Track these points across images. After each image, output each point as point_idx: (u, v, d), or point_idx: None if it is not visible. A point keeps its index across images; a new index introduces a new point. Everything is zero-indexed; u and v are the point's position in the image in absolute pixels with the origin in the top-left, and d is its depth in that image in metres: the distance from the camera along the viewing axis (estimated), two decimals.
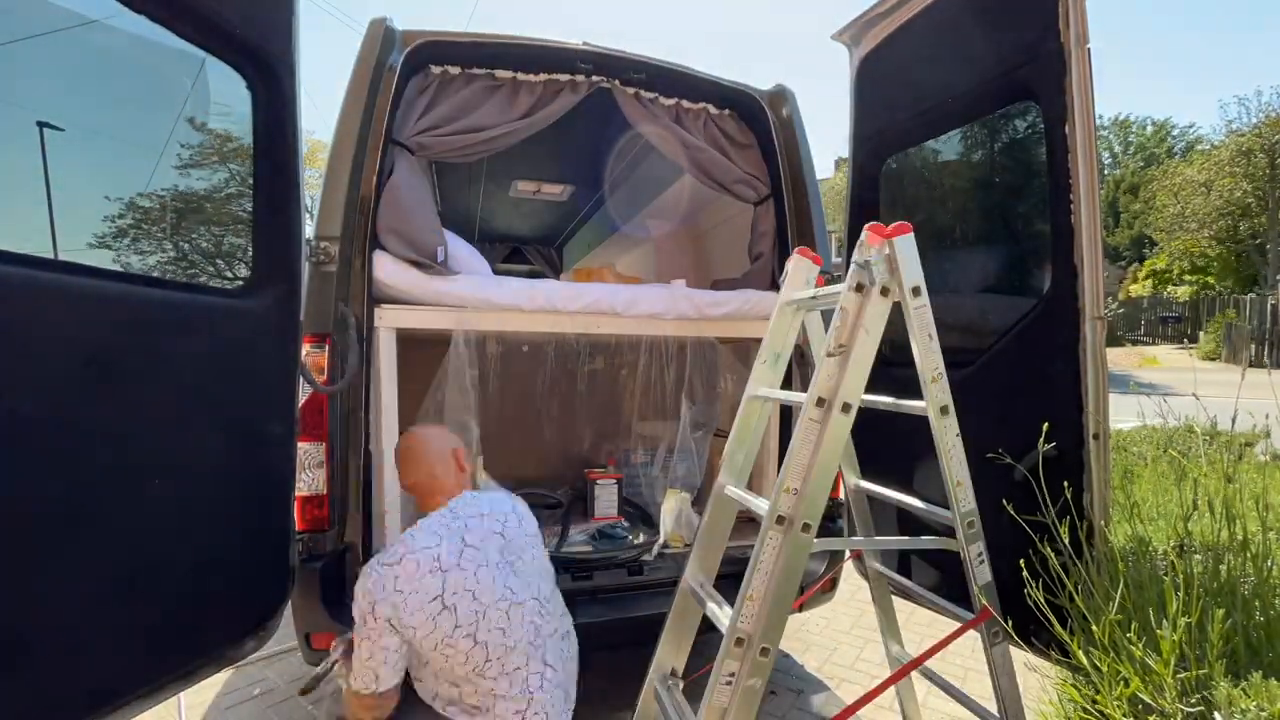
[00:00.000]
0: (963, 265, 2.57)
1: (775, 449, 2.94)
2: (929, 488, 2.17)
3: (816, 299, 1.92)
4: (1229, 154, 23.58)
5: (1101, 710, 1.40)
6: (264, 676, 3.01)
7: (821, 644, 3.41)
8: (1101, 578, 1.64)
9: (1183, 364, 18.66)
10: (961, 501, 1.72)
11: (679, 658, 1.94)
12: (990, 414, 1.99)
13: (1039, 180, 2.04)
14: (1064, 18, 1.80)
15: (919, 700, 2.45)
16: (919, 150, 2.68)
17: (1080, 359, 1.80)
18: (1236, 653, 1.42)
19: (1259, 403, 1.87)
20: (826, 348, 1.58)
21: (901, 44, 2.49)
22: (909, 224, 1.61)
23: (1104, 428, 1.78)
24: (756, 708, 1.49)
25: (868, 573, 2.39)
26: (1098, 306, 1.79)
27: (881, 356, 1.58)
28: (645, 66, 2.76)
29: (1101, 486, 1.78)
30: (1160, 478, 2.64)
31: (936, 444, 1.70)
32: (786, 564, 1.49)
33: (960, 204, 2.66)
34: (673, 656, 1.94)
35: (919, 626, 3.42)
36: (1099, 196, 1.83)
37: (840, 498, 2.45)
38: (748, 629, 1.49)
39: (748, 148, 3.05)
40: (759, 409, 2.00)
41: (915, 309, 1.63)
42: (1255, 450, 3.71)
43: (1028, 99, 2.03)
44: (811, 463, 1.52)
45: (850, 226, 2.75)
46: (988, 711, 1.82)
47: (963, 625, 1.80)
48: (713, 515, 1.95)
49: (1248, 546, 1.61)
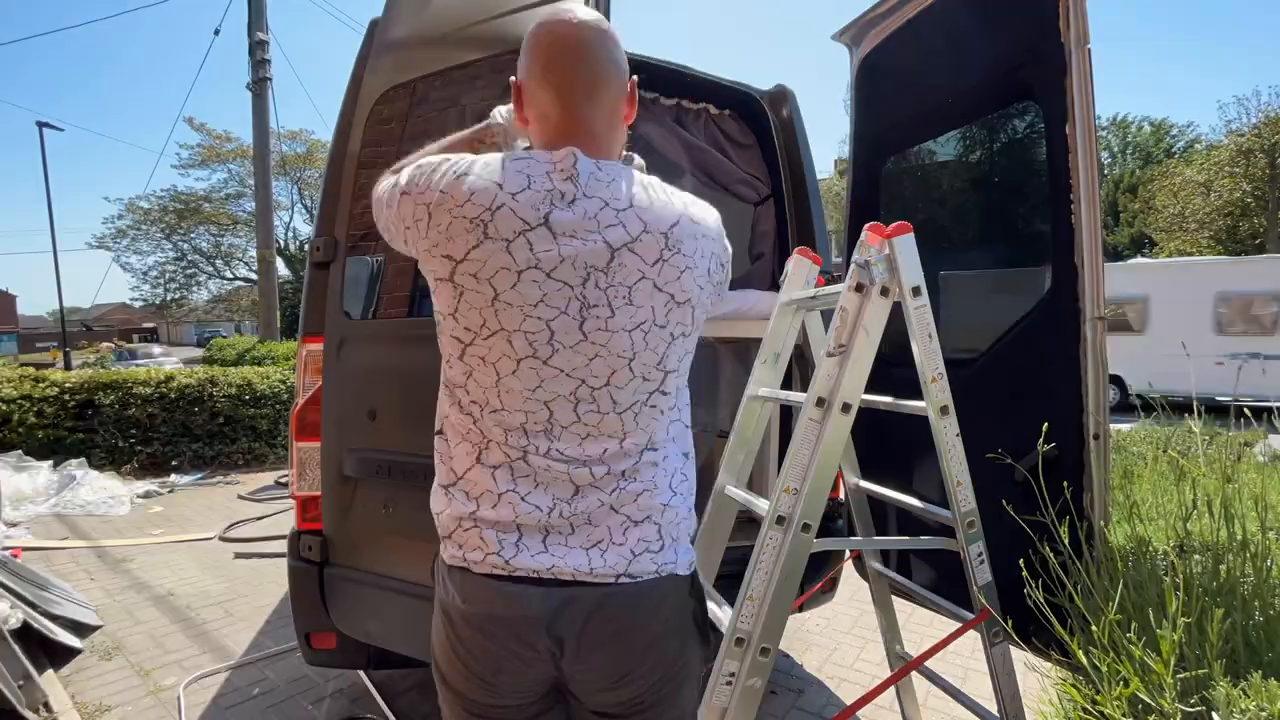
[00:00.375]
0: (963, 265, 2.57)
1: (775, 449, 2.94)
2: (928, 487, 2.17)
3: (816, 299, 1.92)
4: (1228, 154, 23.59)
5: (1101, 710, 1.40)
6: (264, 676, 3.01)
7: (821, 644, 3.41)
8: (1101, 578, 1.64)
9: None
10: (961, 501, 1.72)
11: None
12: (990, 414, 1.99)
13: (1039, 180, 2.04)
14: (1064, 18, 1.80)
15: (919, 700, 2.45)
16: (919, 150, 2.68)
17: (1080, 359, 1.80)
18: (1236, 653, 1.42)
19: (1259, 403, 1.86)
20: (826, 348, 1.58)
21: (902, 44, 2.49)
22: (909, 224, 1.61)
23: (1104, 428, 1.78)
24: (756, 708, 1.49)
25: (868, 573, 2.39)
26: (1098, 306, 1.79)
27: (881, 356, 1.58)
28: (645, 66, 2.76)
29: (1102, 487, 1.78)
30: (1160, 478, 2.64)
31: (936, 444, 1.70)
32: (786, 564, 1.49)
33: (960, 204, 2.66)
34: None
35: (919, 626, 3.42)
36: (1099, 196, 1.83)
37: (840, 498, 2.45)
38: (748, 629, 1.49)
39: (748, 148, 3.05)
40: (759, 409, 2.00)
41: (915, 309, 1.63)
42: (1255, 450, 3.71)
43: (1028, 99, 2.04)
44: (811, 463, 1.52)
45: (850, 226, 2.75)
46: (988, 711, 1.82)
47: (963, 625, 1.80)
48: (713, 515, 1.95)
49: (1247, 546, 1.61)
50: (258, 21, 12.29)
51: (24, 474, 5.96)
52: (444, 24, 2.18)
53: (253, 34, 12.29)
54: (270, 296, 13.80)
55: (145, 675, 3.02)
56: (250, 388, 7.47)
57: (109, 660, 3.15)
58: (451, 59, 2.09)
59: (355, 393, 2.16)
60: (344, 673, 2.97)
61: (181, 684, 2.89)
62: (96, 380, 6.99)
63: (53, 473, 6.14)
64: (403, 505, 2.07)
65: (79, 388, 6.88)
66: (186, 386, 7.12)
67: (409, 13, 2.26)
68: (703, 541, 1.95)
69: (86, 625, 3.41)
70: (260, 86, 12.51)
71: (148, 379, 7.08)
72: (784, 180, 2.95)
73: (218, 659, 3.16)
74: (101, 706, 2.75)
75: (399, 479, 2.04)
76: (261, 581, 4.17)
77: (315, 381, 2.25)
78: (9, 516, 5.22)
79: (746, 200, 3.07)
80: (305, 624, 2.23)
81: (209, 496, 6.30)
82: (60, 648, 3.12)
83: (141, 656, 3.19)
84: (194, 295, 36.48)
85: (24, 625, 2.95)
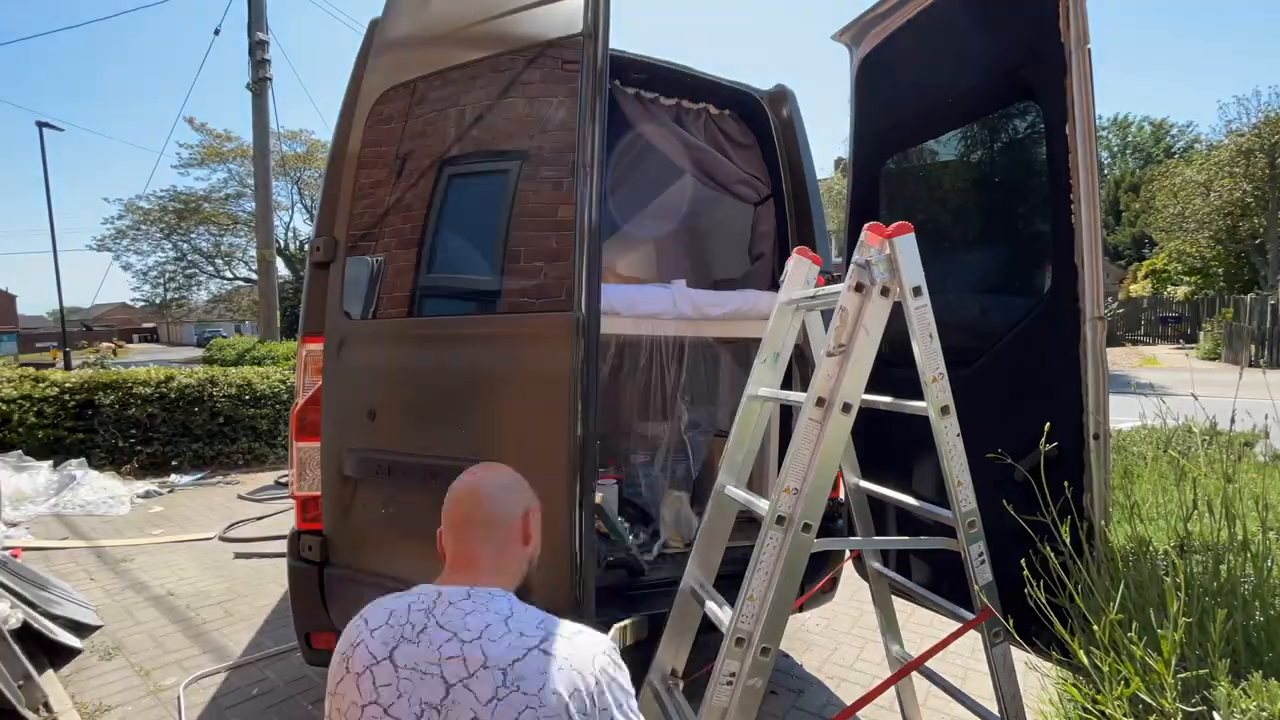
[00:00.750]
0: (963, 265, 2.57)
1: (775, 449, 2.94)
2: (928, 487, 2.17)
3: (816, 299, 1.92)
4: (1229, 154, 23.59)
5: (1102, 710, 1.40)
6: (264, 676, 3.01)
7: (821, 644, 3.41)
8: (1102, 577, 1.64)
9: (1183, 364, 18.66)
10: (962, 501, 1.72)
11: (679, 658, 1.94)
12: (990, 414, 1.99)
13: (1039, 180, 2.04)
14: (1064, 18, 1.80)
15: (919, 700, 2.45)
16: (919, 150, 2.68)
17: (1080, 359, 1.80)
18: (1237, 653, 1.42)
19: (1259, 403, 1.87)
20: (826, 348, 1.58)
21: (901, 44, 2.49)
22: (909, 224, 1.61)
23: (1104, 428, 1.78)
24: (756, 708, 1.49)
25: (868, 573, 2.39)
26: (1098, 306, 1.79)
27: (881, 356, 1.58)
28: (646, 67, 2.76)
29: (1102, 487, 1.78)
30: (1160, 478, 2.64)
31: (937, 444, 1.70)
32: (786, 564, 1.49)
33: (960, 204, 2.66)
34: (673, 656, 1.94)
35: (919, 626, 3.42)
36: (1099, 196, 1.83)
37: (840, 498, 2.45)
38: (748, 629, 1.49)
39: (748, 148, 3.05)
40: (759, 409, 2.00)
41: (916, 309, 1.63)
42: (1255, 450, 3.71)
43: (1028, 99, 2.03)
44: (811, 463, 1.52)
45: (850, 226, 2.75)
46: (988, 711, 1.82)
47: (963, 625, 1.80)
48: (713, 515, 1.95)
49: (1248, 546, 1.61)
50: (258, 21, 12.28)
51: (24, 474, 5.96)
52: (444, 24, 2.18)
53: (253, 34, 12.28)
54: (270, 296, 13.79)
55: (145, 675, 3.02)
56: (250, 388, 7.47)
57: (109, 660, 3.15)
58: (451, 59, 2.09)
59: (355, 393, 2.16)
60: None
61: (181, 684, 2.89)
62: (96, 380, 6.99)
63: (53, 473, 6.14)
64: (403, 505, 2.07)
65: (79, 388, 6.88)
66: (186, 386, 7.12)
67: (409, 13, 2.26)
68: (703, 541, 1.95)
69: (86, 625, 3.41)
70: (260, 86, 12.50)
71: (148, 379, 7.07)
72: (784, 180, 2.95)
73: (217, 659, 3.16)
74: (101, 706, 2.75)
75: (399, 479, 2.04)
76: (261, 581, 4.17)
77: (315, 381, 2.25)
78: (9, 516, 5.22)
79: (746, 200, 3.07)
80: (305, 624, 2.23)
81: (209, 496, 6.30)
82: (60, 648, 3.12)
83: (141, 656, 3.19)
84: (194, 295, 36.43)
85: (24, 625, 2.94)
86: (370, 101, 2.24)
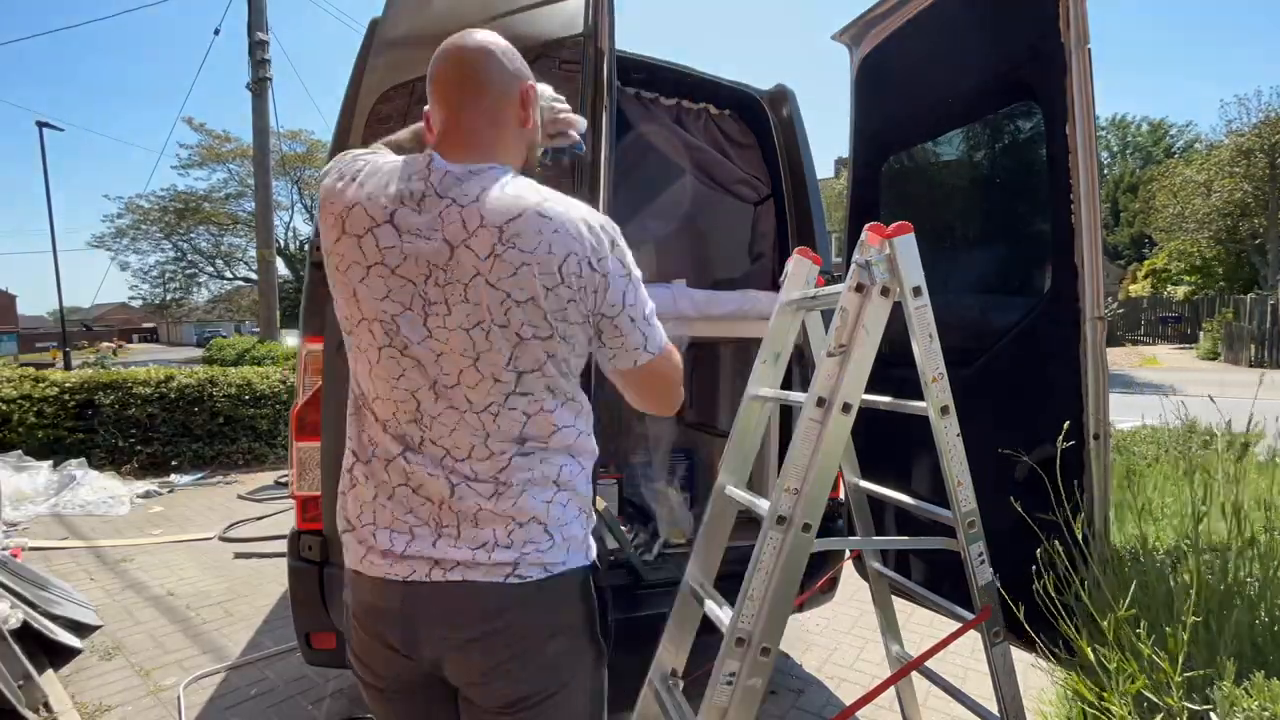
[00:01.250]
0: (963, 265, 2.56)
1: (775, 449, 2.94)
2: (928, 487, 2.16)
3: (816, 299, 1.92)
4: (1229, 154, 23.60)
5: (1107, 708, 1.40)
6: (264, 676, 3.01)
7: (821, 644, 3.40)
8: (1107, 577, 1.64)
9: (1183, 364, 18.67)
10: (962, 501, 1.71)
11: (679, 658, 1.94)
12: (990, 414, 1.99)
13: (1039, 180, 2.04)
14: (1064, 18, 1.80)
15: (919, 700, 2.45)
16: (919, 150, 2.67)
17: (1080, 359, 1.80)
18: (1242, 653, 1.42)
19: (1259, 403, 1.87)
20: (826, 348, 1.58)
21: (902, 44, 2.49)
22: (909, 224, 1.61)
23: (1104, 428, 1.78)
24: (757, 708, 1.49)
25: (868, 572, 2.39)
26: (1098, 306, 1.79)
27: (881, 356, 1.58)
28: (646, 67, 2.76)
29: (1102, 486, 1.78)
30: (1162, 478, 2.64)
31: (937, 444, 1.70)
32: (786, 564, 1.49)
33: (960, 204, 2.65)
34: (673, 656, 1.94)
35: (919, 626, 3.41)
36: (1099, 196, 1.83)
37: (840, 498, 2.45)
38: (748, 629, 1.49)
39: (748, 148, 3.05)
40: (759, 409, 2.00)
41: (916, 309, 1.62)
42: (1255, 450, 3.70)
43: (1028, 99, 2.03)
44: (811, 463, 1.52)
45: (850, 226, 2.75)
46: (988, 711, 1.82)
47: (963, 625, 1.80)
48: (713, 515, 1.95)
49: (1255, 546, 1.61)
50: (258, 21, 12.28)
51: (24, 474, 5.96)
52: (444, 24, 2.17)
53: (253, 34, 12.28)
54: (270, 296, 13.79)
55: (145, 675, 3.02)
56: (250, 388, 7.47)
57: (109, 660, 3.15)
58: None
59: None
60: (344, 673, 2.96)
61: (181, 684, 2.89)
62: (96, 380, 6.99)
63: (53, 473, 6.14)
64: None
65: (79, 388, 6.87)
66: (186, 386, 7.12)
67: (409, 12, 2.25)
68: (703, 541, 1.94)
69: (86, 625, 3.41)
70: (260, 86, 12.50)
71: (148, 379, 7.07)
72: (784, 180, 2.95)
73: (217, 659, 3.16)
74: (101, 706, 2.75)
75: None
76: (261, 581, 4.17)
77: (315, 381, 2.25)
78: (9, 516, 5.22)
79: (746, 200, 3.07)
80: (305, 624, 2.23)
81: (209, 496, 6.30)
82: (60, 648, 3.12)
83: (141, 656, 3.19)
84: (194, 295, 36.46)
85: (24, 625, 2.94)
86: (370, 101, 2.24)
